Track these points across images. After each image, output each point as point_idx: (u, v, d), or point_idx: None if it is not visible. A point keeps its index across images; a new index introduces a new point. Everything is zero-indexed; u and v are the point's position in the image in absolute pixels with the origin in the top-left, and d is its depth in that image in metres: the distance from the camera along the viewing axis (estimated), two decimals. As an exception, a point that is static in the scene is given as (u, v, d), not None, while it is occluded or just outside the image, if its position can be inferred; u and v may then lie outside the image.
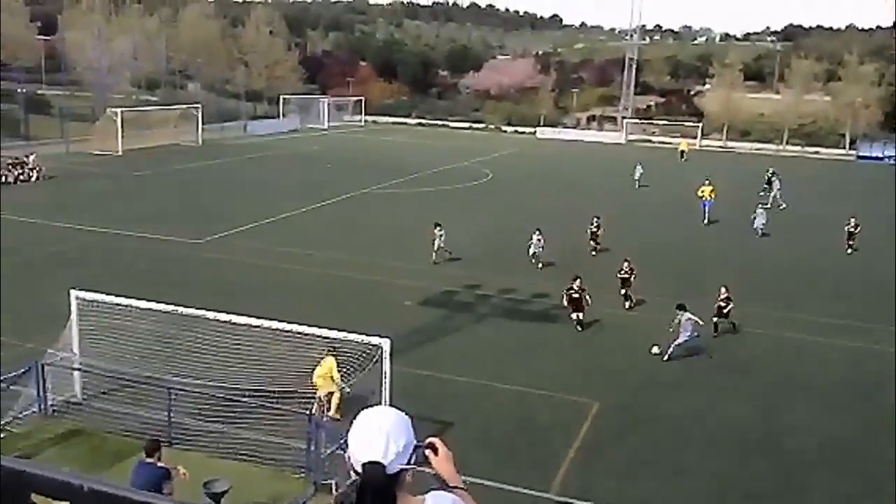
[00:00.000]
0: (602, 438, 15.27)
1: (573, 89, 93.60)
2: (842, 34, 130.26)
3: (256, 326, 14.40)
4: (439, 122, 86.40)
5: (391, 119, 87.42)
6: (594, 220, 29.79)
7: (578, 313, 20.90)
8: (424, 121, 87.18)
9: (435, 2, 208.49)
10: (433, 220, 27.91)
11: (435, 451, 2.59)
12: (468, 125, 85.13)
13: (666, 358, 18.72)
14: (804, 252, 31.48)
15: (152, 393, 14.37)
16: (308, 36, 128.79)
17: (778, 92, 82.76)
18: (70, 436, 13.68)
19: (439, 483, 2.59)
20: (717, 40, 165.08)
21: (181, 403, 14.03)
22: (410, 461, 2.47)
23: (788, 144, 73.40)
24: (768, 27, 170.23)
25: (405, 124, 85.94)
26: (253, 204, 36.55)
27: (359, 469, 2.40)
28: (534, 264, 26.93)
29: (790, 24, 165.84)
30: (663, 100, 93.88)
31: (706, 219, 35.85)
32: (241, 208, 35.36)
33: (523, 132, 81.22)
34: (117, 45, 68.26)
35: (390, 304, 22.58)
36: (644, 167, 47.48)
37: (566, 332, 20.84)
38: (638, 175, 47.03)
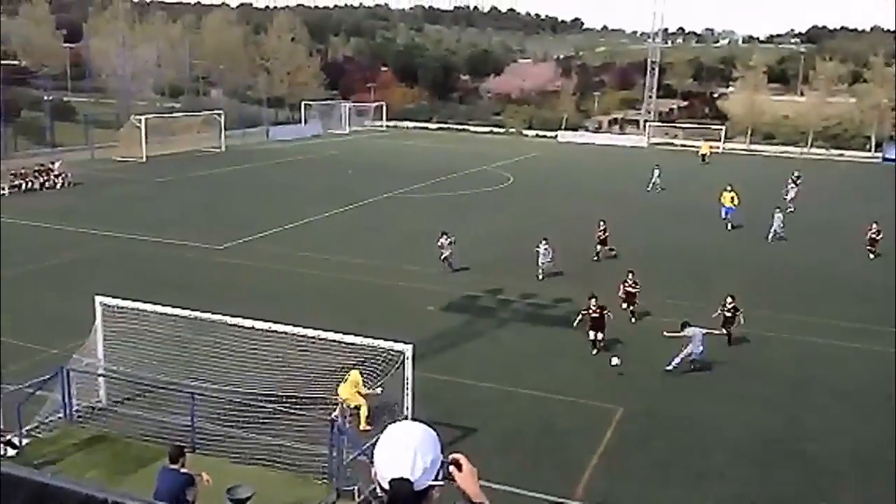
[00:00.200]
0: (626, 444, 15.15)
1: (595, 93, 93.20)
2: (867, 35, 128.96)
3: (278, 332, 14.44)
4: (460, 127, 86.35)
5: (412, 124, 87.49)
6: (600, 224, 29.09)
7: (598, 332, 19.60)
8: (445, 125, 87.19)
9: (456, 6, 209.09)
10: (454, 225, 27.92)
11: (459, 468, 2.54)
12: (489, 129, 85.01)
13: (670, 368, 18.27)
14: (826, 256, 31.02)
15: (175, 398, 14.46)
16: (330, 42, 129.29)
17: (802, 94, 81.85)
18: (95, 441, 13.77)
19: (463, 499, 2.55)
20: (740, 43, 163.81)
21: (204, 409, 14.10)
22: (437, 477, 2.44)
23: (813, 147, 72.57)
24: (792, 29, 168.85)
25: (426, 129, 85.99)
26: (275, 209, 36.73)
27: (385, 485, 2.37)
28: (540, 275, 25.85)
29: (814, 26, 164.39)
30: (686, 103, 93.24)
31: (728, 225, 35.00)
32: (264, 213, 35.55)
33: (544, 136, 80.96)
34: (141, 53, 69.04)
35: (412, 309, 22.58)
36: (662, 170, 46.98)
37: (586, 338, 20.69)
38: (655, 179, 46.46)
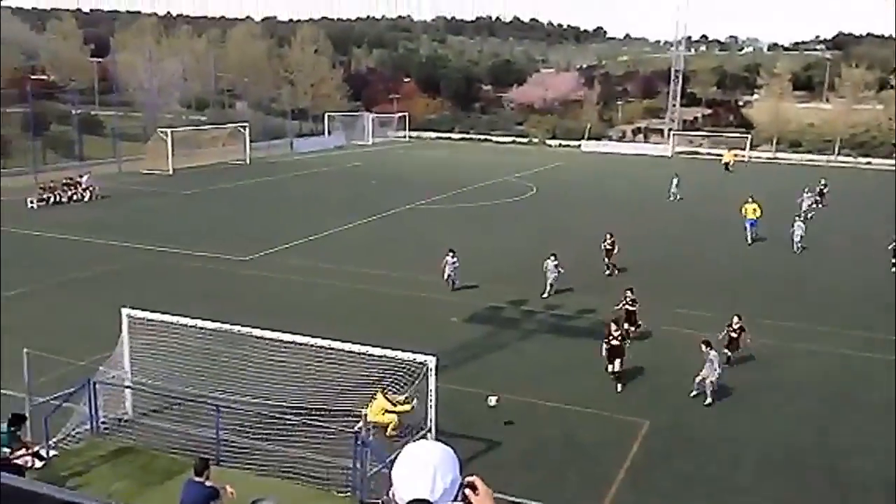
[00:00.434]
0: (653, 458, 14.97)
1: (618, 102, 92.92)
2: (894, 41, 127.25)
3: (302, 344, 14.46)
4: (482, 137, 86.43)
5: (435, 134, 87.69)
6: (607, 237, 28.34)
7: (617, 361, 18.32)
8: (468, 135, 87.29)
9: (478, 17, 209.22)
10: (477, 235, 27.86)
11: (474, 490, 2.49)
12: (511, 139, 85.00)
13: (694, 394, 17.55)
14: (851, 267, 30.53)
15: (200, 410, 14.51)
16: (353, 53, 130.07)
17: (828, 101, 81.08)
18: (121, 453, 13.85)
19: None
20: (765, 50, 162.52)
21: (229, 421, 14.13)
22: (455, 498, 2.39)
23: (840, 155, 71.73)
24: (818, 36, 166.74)
25: (448, 139, 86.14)
26: (299, 220, 36.92)
27: None
28: (546, 292, 25.15)
29: (840, 33, 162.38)
30: (710, 111, 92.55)
31: (750, 237, 33.90)
32: (288, 225, 35.74)
33: (567, 146, 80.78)
34: (167, 66, 69.90)
35: (435, 321, 22.55)
36: (684, 180, 46.57)
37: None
38: (674, 188, 45.98)
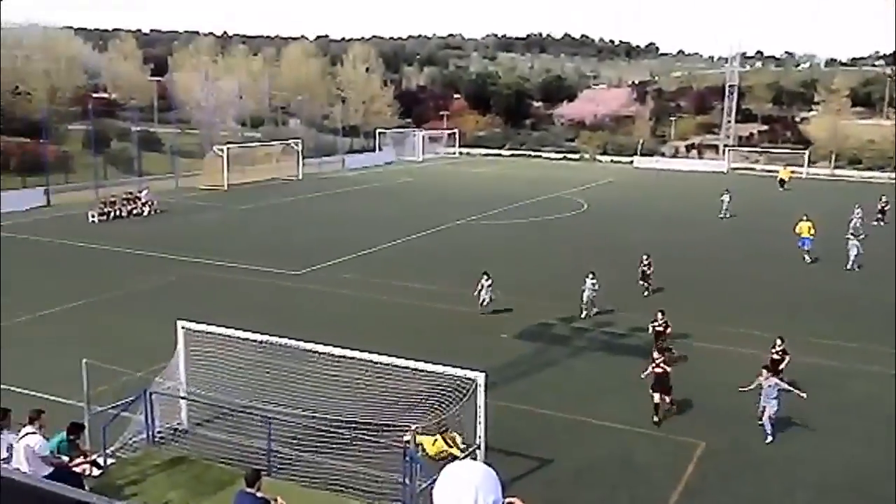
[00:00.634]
0: (709, 481, 14.62)
1: (671, 117, 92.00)
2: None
3: (352, 358, 14.53)
4: (533, 153, 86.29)
5: (484, 151, 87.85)
6: (644, 259, 27.57)
7: (663, 395, 16.93)
8: (518, 152, 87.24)
9: (529, 34, 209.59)
10: (527, 251, 27.71)
11: None
12: (562, 156, 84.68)
13: (769, 440, 16.14)
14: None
15: (252, 421, 14.66)
16: (403, 71, 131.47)
17: (888, 117, 79.10)
18: (175, 463, 14.06)
19: None
20: (822, 66, 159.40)
21: (280, 433, 14.25)
22: None
23: (901, 172, 69.75)
24: (876, 51, 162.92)
25: (499, 155, 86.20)
26: (350, 235, 37.24)
27: None
28: (583, 312, 24.60)
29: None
30: (766, 127, 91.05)
31: (806, 257, 32.92)
32: (339, 240, 36.07)
33: (619, 162, 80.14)
34: (223, 85, 71.59)
35: (485, 336, 22.47)
36: (739, 196, 45.72)
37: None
38: (725, 205, 45.16)
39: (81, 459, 12.87)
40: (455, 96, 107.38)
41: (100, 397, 15.08)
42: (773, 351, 18.19)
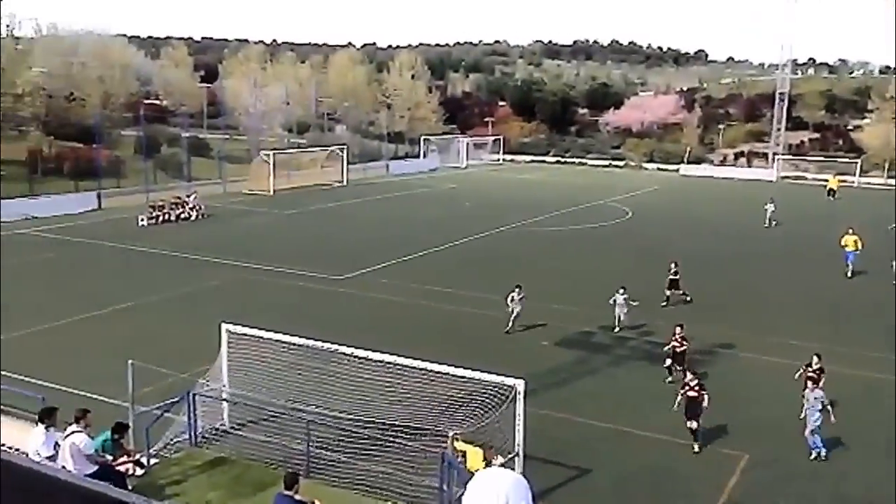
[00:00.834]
0: (752, 494, 14.33)
1: (719, 125, 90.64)
2: None
3: (391, 363, 14.59)
4: (578, 160, 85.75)
5: (529, 157, 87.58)
6: (672, 267, 27.02)
7: (694, 422, 15.82)
8: (563, 159, 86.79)
9: (575, 41, 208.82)
10: (571, 258, 27.52)
11: None
12: (607, 163, 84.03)
13: (815, 457, 15.66)
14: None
15: (292, 423, 14.80)
16: (449, 78, 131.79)
17: (946, 125, 76.73)
18: (217, 463, 14.25)
19: None
20: (876, 73, 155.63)
21: (319, 435, 14.35)
22: None
23: (959, 181, 67.69)
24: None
25: (543, 162, 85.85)
26: (393, 241, 37.43)
27: None
28: (617, 326, 23.88)
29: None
30: (818, 135, 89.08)
31: (850, 271, 31.80)
32: (383, 245, 36.27)
33: (665, 169, 79.20)
34: (271, 92, 72.59)
35: (525, 343, 22.38)
36: (784, 205, 44.76)
37: (710, 380, 19.79)
38: (769, 213, 44.28)
39: (125, 459, 13.11)
40: (500, 103, 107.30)
41: (145, 398, 15.37)
42: (811, 370, 17.27)
